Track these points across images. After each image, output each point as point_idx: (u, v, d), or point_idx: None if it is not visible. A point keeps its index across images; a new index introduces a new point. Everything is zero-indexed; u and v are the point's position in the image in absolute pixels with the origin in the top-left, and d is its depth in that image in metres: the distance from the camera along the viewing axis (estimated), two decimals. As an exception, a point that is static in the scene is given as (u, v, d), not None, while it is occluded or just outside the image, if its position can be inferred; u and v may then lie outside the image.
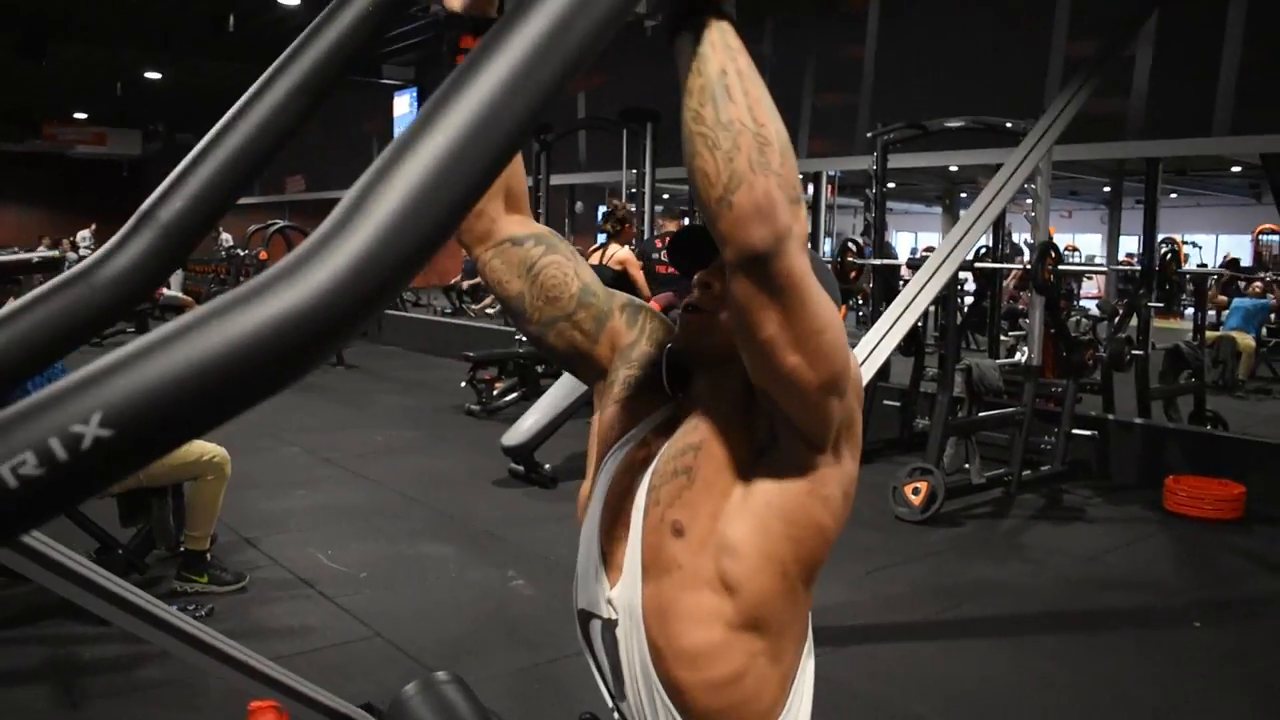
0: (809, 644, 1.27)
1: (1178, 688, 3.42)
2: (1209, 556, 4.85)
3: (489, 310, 13.73)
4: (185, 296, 8.76)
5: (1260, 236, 14.45)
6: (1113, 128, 6.03)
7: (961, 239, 4.54)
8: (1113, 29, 5.00)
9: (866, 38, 7.59)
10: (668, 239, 7.35)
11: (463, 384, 8.17)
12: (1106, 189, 18.68)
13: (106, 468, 0.50)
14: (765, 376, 1.06)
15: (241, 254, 10.31)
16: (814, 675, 1.27)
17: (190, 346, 0.50)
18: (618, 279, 6.34)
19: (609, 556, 1.26)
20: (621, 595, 1.23)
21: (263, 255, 10.44)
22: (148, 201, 0.81)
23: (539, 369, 8.72)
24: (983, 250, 8.29)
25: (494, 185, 1.27)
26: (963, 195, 19.87)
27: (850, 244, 7.03)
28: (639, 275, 6.59)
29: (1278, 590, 4.39)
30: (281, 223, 10.55)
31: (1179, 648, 3.74)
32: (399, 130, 12.27)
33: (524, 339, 8.95)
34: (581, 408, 6.51)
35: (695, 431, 1.19)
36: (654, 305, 7.16)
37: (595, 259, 6.54)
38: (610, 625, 1.26)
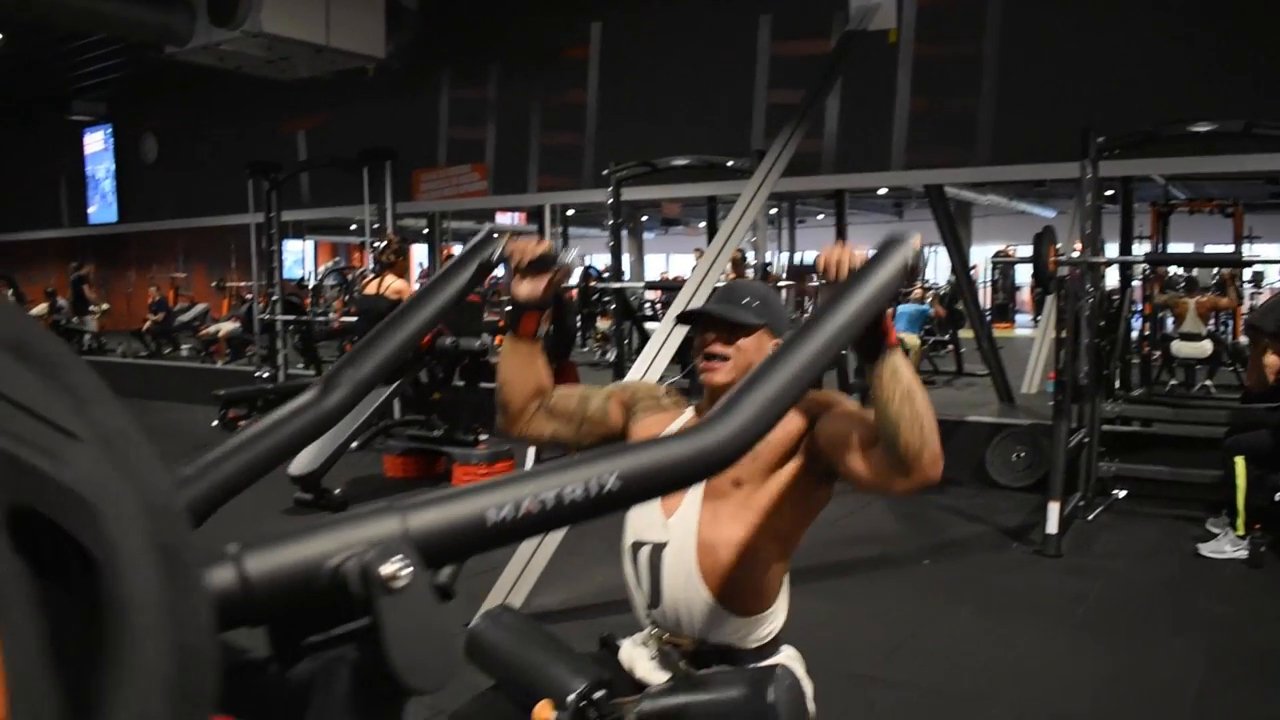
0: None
1: (925, 609, 4.35)
2: (920, 513, 5.93)
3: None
4: None
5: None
6: (809, 163, 7.11)
7: (714, 263, 5.33)
8: (812, 83, 6.02)
9: (588, 84, 8.34)
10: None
11: (214, 423, 8.09)
12: (774, 210, 20.78)
13: (609, 504, 0.85)
14: (868, 488, 1.71)
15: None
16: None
17: (664, 453, 0.90)
18: (394, 307, 6.63)
19: (667, 498, 1.83)
20: (678, 517, 1.80)
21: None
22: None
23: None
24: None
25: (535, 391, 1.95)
26: (644, 218, 21.42)
27: (591, 270, 7.74)
28: None
29: (975, 532, 5.52)
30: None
31: (919, 581, 4.71)
32: (91, 169, 11.58)
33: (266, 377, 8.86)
34: (365, 435, 6.78)
35: None
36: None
37: (371, 289, 6.75)
38: (659, 547, 1.82)
